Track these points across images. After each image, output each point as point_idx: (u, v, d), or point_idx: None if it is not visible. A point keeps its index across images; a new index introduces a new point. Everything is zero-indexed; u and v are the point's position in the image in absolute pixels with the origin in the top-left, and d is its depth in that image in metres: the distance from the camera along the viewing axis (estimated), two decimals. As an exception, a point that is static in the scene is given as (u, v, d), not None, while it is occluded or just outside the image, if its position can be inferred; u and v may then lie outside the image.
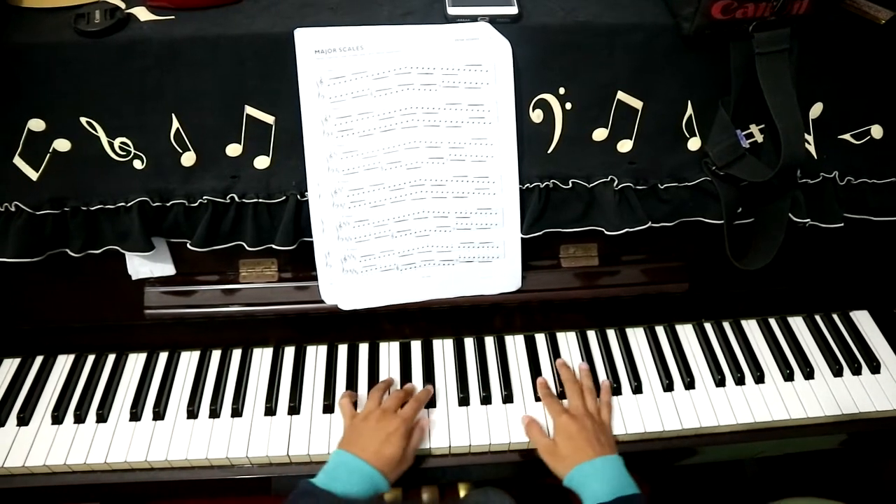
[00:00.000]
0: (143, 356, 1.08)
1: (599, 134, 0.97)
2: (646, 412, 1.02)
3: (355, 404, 1.00)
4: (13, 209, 0.91)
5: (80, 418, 1.00)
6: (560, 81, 0.94)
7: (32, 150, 0.91)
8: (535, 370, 1.06)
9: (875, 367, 1.08)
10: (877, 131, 1.01)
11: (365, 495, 0.85)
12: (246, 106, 0.92)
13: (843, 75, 0.97)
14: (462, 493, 1.28)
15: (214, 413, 1.01)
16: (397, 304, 1.00)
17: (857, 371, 1.07)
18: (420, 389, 1.03)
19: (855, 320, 1.15)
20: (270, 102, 0.92)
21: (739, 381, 1.05)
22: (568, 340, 1.11)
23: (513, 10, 0.92)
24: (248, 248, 0.95)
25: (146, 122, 0.91)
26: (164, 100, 0.91)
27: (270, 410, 1.01)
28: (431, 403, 1.02)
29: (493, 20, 0.92)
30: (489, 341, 1.10)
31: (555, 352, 1.08)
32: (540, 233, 0.97)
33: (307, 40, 0.88)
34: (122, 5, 0.92)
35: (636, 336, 1.11)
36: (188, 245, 0.94)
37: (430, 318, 1.06)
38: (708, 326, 1.13)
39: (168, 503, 1.38)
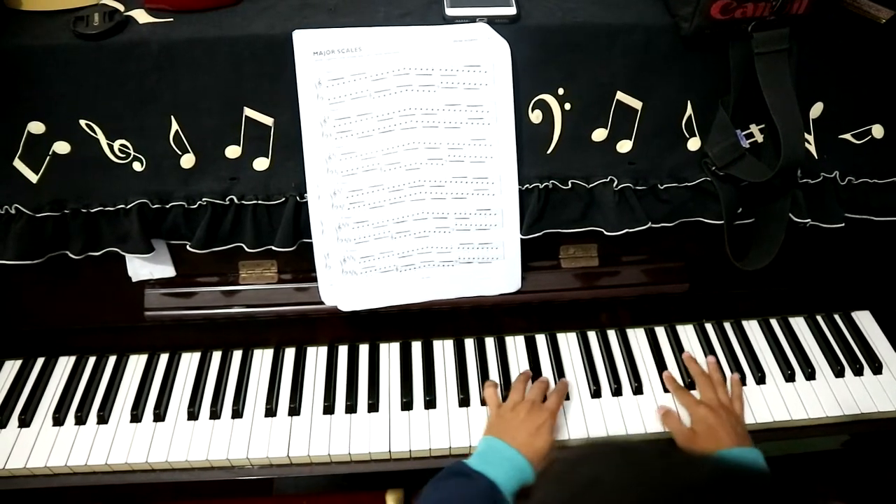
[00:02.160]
0: (143, 358, 1.08)
1: (599, 134, 0.96)
2: (647, 413, 1.01)
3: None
4: (13, 211, 0.91)
5: (81, 420, 1.00)
6: (559, 82, 0.94)
7: (32, 152, 0.91)
8: (536, 371, 1.06)
9: (877, 368, 1.07)
10: (878, 131, 1.00)
11: (514, 483, 0.85)
12: (245, 108, 0.92)
13: (843, 75, 0.97)
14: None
15: (215, 414, 1.01)
16: (397, 306, 1.00)
17: (858, 372, 1.07)
18: (558, 381, 1.03)
19: (857, 320, 1.14)
20: (269, 104, 0.92)
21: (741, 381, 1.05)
22: (568, 341, 1.11)
23: (511, 10, 0.92)
24: (247, 249, 0.96)
25: (145, 124, 0.91)
26: (163, 102, 0.91)
27: (271, 412, 1.01)
28: (431, 404, 1.02)
29: (492, 21, 0.92)
30: (489, 342, 1.10)
31: (555, 352, 1.08)
32: (539, 233, 0.97)
33: (306, 42, 0.88)
34: (121, 8, 0.92)
35: (637, 336, 1.11)
36: (188, 247, 0.95)
37: (430, 318, 1.06)
38: (709, 327, 1.13)
39: (170, 504, 1.38)
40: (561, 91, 0.94)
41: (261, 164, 0.94)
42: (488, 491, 0.83)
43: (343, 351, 1.09)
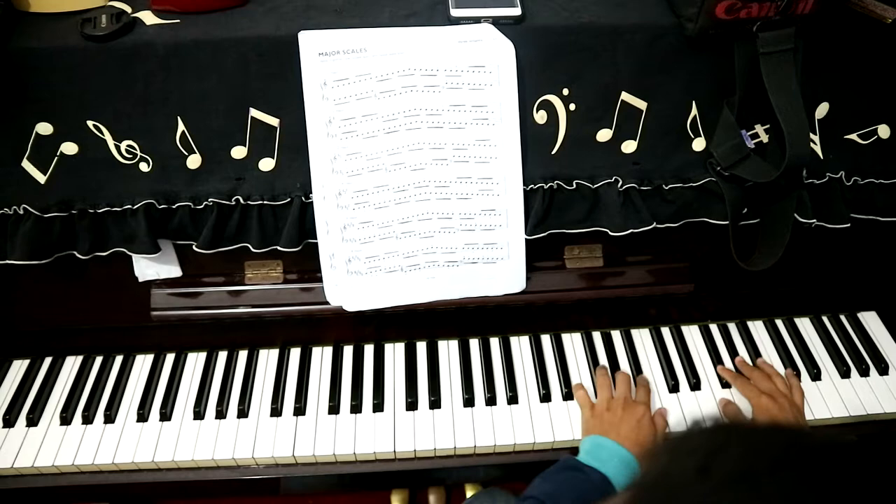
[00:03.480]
0: (150, 357, 1.09)
1: (603, 135, 0.97)
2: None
3: None
4: (21, 212, 0.92)
5: (88, 419, 1.01)
6: (564, 82, 0.94)
7: (40, 153, 0.92)
8: (541, 371, 1.06)
9: (883, 369, 1.07)
10: (884, 131, 1.00)
11: (624, 479, 0.86)
12: (251, 108, 0.92)
13: (849, 75, 0.97)
14: (469, 494, 1.28)
15: (220, 414, 1.01)
16: (402, 306, 1.00)
17: (864, 372, 1.06)
18: (639, 377, 1.04)
19: (863, 321, 1.14)
20: (275, 105, 0.92)
21: (745, 382, 1.05)
22: (573, 341, 1.11)
23: (516, 11, 0.92)
24: (253, 249, 0.96)
25: (152, 124, 0.92)
26: (169, 103, 0.91)
27: (276, 411, 1.01)
28: (436, 405, 1.02)
29: (497, 21, 0.92)
30: (494, 342, 1.10)
31: (560, 353, 1.08)
32: (544, 234, 0.97)
33: (311, 43, 0.89)
34: (128, 9, 0.92)
35: (641, 337, 1.11)
36: (194, 247, 0.95)
37: (435, 319, 1.06)
38: (714, 327, 1.13)
39: (175, 503, 1.39)
40: (566, 91, 0.94)
41: (266, 164, 0.94)
42: (601, 484, 0.84)
43: (348, 351, 1.09)
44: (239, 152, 0.94)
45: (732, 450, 0.40)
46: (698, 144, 0.98)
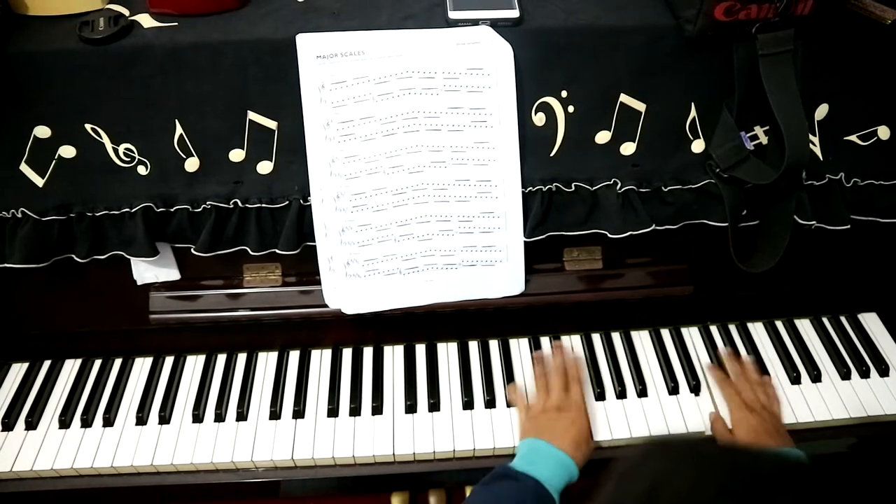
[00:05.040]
0: (148, 361, 1.09)
1: (602, 136, 0.96)
2: (651, 415, 1.01)
3: None
4: (20, 215, 0.92)
5: (86, 423, 1.01)
6: (562, 84, 0.94)
7: (38, 156, 0.92)
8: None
9: (884, 370, 1.06)
10: (884, 132, 1.00)
11: (560, 480, 0.87)
12: (249, 111, 0.92)
13: (848, 76, 0.96)
14: (468, 497, 1.28)
15: (219, 417, 1.01)
16: (401, 308, 1.00)
17: (865, 374, 1.06)
18: (571, 367, 1.04)
19: (863, 322, 1.13)
20: (273, 108, 0.92)
21: (746, 384, 1.04)
22: (573, 343, 1.10)
23: (514, 13, 0.92)
24: (251, 252, 0.96)
25: (150, 127, 0.92)
26: (167, 106, 0.91)
27: (275, 414, 1.01)
28: (435, 407, 1.02)
29: (495, 24, 0.92)
30: (493, 344, 1.10)
31: (559, 355, 1.08)
32: (543, 236, 0.97)
33: (309, 45, 0.88)
34: (126, 12, 0.92)
35: (641, 339, 1.11)
36: (192, 250, 0.95)
37: (434, 321, 1.06)
38: (714, 329, 1.12)
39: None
40: (564, 93, 0.94)
41: (264, 167, 0.94)
42: (535, 490, 0.84)
43: (347, 354, 1.09)
44: (237, 155, 0.94)
45: (678, 479, 0.40)
46: (697, 146, 0.98)
